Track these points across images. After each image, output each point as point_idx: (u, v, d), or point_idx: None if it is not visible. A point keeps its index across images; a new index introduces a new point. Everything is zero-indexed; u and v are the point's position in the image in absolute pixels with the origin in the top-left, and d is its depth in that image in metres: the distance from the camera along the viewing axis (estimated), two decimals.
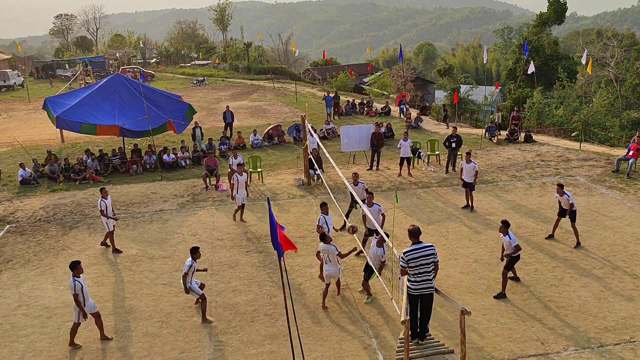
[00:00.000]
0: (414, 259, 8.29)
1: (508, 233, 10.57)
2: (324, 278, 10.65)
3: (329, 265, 10.42)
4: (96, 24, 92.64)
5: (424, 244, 8.40)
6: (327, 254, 10.37)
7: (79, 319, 9.36)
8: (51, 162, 20.16)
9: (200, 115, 30.84)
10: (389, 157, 21.24)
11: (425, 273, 8.36)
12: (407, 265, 8.32)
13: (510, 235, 10.55)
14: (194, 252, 10.05)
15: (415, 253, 8.30)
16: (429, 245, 8.43)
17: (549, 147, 22.33)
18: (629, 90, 37.88)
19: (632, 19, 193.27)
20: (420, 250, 8.32)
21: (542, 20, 38.37)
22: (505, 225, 10.62)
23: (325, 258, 10.45)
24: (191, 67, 64.12)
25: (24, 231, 15.05)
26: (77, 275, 9.16)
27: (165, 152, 20.96)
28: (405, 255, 8.32)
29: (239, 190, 14.74)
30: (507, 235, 10.53)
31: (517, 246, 10.50)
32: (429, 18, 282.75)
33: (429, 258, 8.34)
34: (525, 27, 73.03)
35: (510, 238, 10.50)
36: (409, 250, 8.36)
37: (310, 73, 57.90)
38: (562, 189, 12.76)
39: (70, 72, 56.65)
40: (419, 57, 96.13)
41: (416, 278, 8.37)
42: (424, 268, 8.34)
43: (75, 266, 9.19)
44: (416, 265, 8.30)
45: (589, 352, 8.92)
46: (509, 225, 10.68)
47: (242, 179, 14.83)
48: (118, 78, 22.19)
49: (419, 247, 8.36)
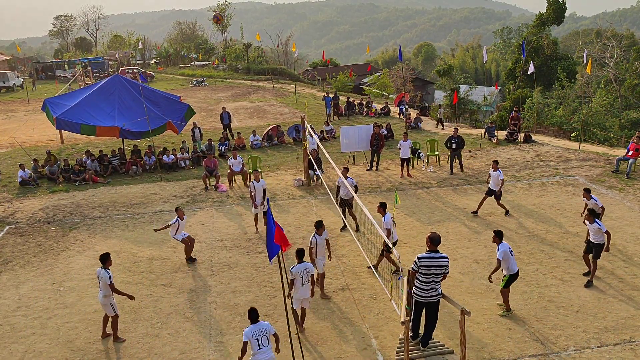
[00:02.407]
0: (426, 267, 8.16)
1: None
2: (294, 303, 9.43)
3: (303, 288, 9.37)
4: (95, 25, 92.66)
5: (440, 254, 8.22)
6: (306, 274, 9.34)
7: (117, 310, 9.62)
8: (51, 163, 20.16)
9: (200, 116, 30.85)
10: (389, 157, 21.24)
11: (434, 282, 8.26)
12: (418, 270, 8.21)
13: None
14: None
15: (429, 261, 8.16)
16: (444, 256, 8.24)
17: (548, 148, 22.34)
18: (629, 91, 37.90)
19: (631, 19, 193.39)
20: (434, 260, 8.17)
21: (541, 21, 38.41)
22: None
23: (301, 279, 9.32)
24: (191, 68, 64.10)
25: (23, 232, 15.04)
26: (107, 267, 9.44)
27: (165, 153, 20.95)
28: (419, 261, 8.17)
29: (256, 196, 14.16)
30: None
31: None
32: (429, 18, 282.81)
33: (441, 269, 8.22)
34: (524, 27, 73.07)
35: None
36: (424, 256, 8.19)
37: (310, 74, 57.91)
38: (588, 193, 12.54)
39: (69, 73, 56.65)
40: (418, 58, 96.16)
41: (425, 286, 8.27)
42: (434, 277, 8.22)
43: (107, 258, 9.48)
44: (427, 273, 8.18)
45: (589, 352, 8.92)
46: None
47: (260, 185, 14.21)
48: (117, 79, 22.19)
49: (434, 255, 8.19)
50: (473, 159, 20.87)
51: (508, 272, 9.85)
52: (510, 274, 9.85)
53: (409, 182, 18.23)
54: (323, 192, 17.27)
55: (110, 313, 9.59)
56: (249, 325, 7.92)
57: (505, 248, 9.76)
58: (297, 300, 9.46)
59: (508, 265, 9.82)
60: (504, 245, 9.80)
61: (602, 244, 10.81)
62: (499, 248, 9.79)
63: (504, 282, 9.96)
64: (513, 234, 13.63)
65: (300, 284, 9.31)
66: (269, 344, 7.89)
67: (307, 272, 9.34)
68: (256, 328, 7.87)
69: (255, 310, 7.97)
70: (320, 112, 30.71)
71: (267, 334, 7.89)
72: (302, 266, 9.30)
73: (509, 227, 14.05)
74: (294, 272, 9.25)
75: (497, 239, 9.91)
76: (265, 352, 7.80)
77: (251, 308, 8.00)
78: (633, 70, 37.46)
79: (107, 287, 9.37)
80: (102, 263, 9.44)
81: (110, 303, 9.51)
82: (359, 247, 12.42)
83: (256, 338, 7.79)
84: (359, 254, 12.60)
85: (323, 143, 22.13)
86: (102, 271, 9.39)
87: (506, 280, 9.93)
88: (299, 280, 9.28)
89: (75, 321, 10.37)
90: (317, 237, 10.59)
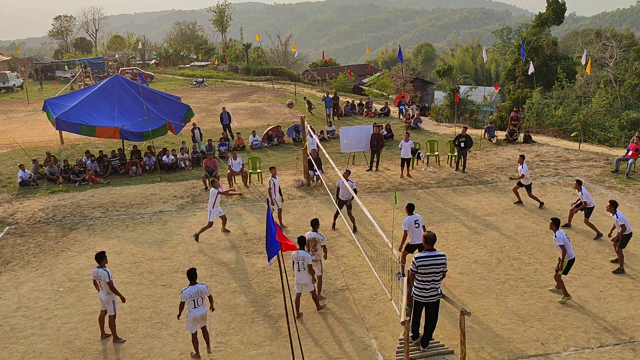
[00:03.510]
0: (424, 266, 8.17)
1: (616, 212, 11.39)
2: (296, 287, 10.19)
3: (299, 273, 9.98)
4: (95, 26, 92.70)
5: (437, 252, 8.26)
6: (301, 261, 9.92)
7: (116, 310, 9.64)
8: (50, 164, 20.15)
9: (200, 116, 30.87)
10: (388, 157, 21.25)
11: (433, 282, 8.26)
12: (417, 271, 8.22)
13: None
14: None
15: (427, 260, 8.18)
16: (441, 254, 8.28)
17: (548, 148, 22.35)
18: (628, 91, 37.90)
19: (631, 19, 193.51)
20: (432, 258, 8.20)
21: (541, 21, 38.39)
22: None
23: (297, 265, 9.97)
24: (190, 69, 64.13)
25: (23, 233, 15.04)
26: (103, 265, 9.45)
27: (165, 154, 20.95)
28: (417, 261, 8.19)
29: (275, 193, 14.37)
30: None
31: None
32: (428, 19, 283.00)
33: (440, 267, 8.23)
34: (524, 27, 73.09)
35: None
36: (422, 256, 8.23)
37: (310, 74, 57.92)
38: (579, 184, 13.43)
39: (69, 74, 56.66)
40: (418, 58, 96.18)
41: (424, 286, 8.27)
42: (433, 277, 8.23)
43: (103, 257, 9.51)
44: (426, 272, 8.19)
45: (589, 352, 8.92)
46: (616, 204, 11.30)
47: (277, 182, 14.51)
48: (117, 79, 22.20)
49: (431, 254, 8.22)
50: (473, 159, 20.87)
51: (567, 258, 10.28)
52: (569, 259, 10.31)
53: (409, 183, 18.23)
54: (323, 193, 17.27)
55: (110, 312, 9.59)
56: (188, 286, 8.84)
57: (563, 235, 10.28)
58: (298, 285, 10.13)
59: (568, 250, 10.28)
60: (560, 232, 10.32)
61: (629, 233, 11.62)
62: (557, 235, 10.27)
63: (564, 268, 10.33)
64: (513, 234, 13.64)
65: (296, 269, 9.99)
66: (203, 302, 8.90)
67: (303, 260, 9.88)
68: (194, 289, 8.82)
69: (194, 271, 8.95)
70: (320, 113, 30.72)
71: (202, 295, 8.89)
72: (296, 254, 9.95)
73: (509, 227, 14.07)
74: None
75: (554, 226, 10.41)
76: (199, 309, 8.87)
77: (190, 269, 8.95)
78: (633, 70, 37.47)
79: (107, 286, 9.38)
80: (98, 261, 9.46)
81: (112, 300, 9.52)
82: (359, 247, 12.43)
83: (193, 299, 8.80)
84: (359, 254, 12.61)
85: (323, 143, 22.14)
86: (99, 270, 9.40)
87: (565, 266, 10.32)
88: (295, 266, 9.98)
89: (75, 322, 10.37)
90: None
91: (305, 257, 9.86)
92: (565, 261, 10.28)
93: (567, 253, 10.24)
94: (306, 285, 10.09)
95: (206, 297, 8.97)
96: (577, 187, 13.50)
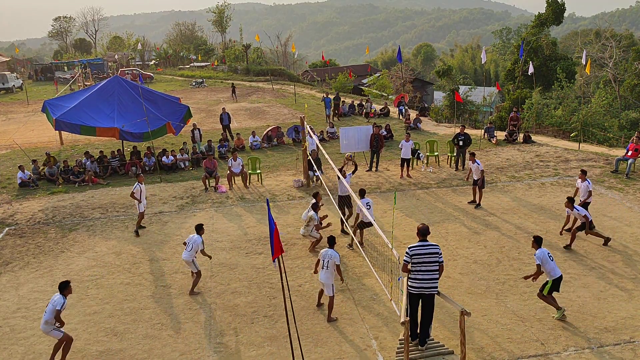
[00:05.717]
0: (418, 255, 8.37)
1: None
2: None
3: (322, 271, 10.03)
4: (95, 26, 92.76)
5: (429, 243, 8.50)
6: (328, 260, 9.94)
7: (63, 334, 9.13)
8: (50, 165, 20.14)
9: (199, 117, 30.87)
10: (388, 158, 21.25)
11: (428, 272, 8.39)
12: (411, 260, 8.38)
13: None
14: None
15: (420, 249, 8.40)
16: (434, 244, 8.52)
17: (548, 148, 22.35)
18: (628, 91, 37.93)
19: (630, 20, 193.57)
20: (425, 248, 8.42)
21: (540, 21, 38.41)
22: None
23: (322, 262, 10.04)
24: (190, 69, 64.14)
25: (23, 234, 15.03)
26: (66, 295, 9.07)
27: (164, 154, 20.95)
28: (410, 250, 8.40)
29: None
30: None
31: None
32: (428, 19, 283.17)
33: (433, 257, 8.41)
34: (523, 27, 73.05)
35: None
36: (415, 245, 8.45)
37: (309, 74, 57.91)
38: (584, 174, 13.75)
39: (69, 75, 56.66)
40: (417, 58, 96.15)
41: (417, 276, 8.40)
42: (427, 266, 8.38)
43: (67, 286, 9.13)
44: (419, 262, 8.37)
45: (588, 352, 8.92)
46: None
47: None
48: (117, 80, 22.20)
49: (424, 244, 8.45)
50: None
51: (550, 278, 9.79)
52: (553, 279, 9.76)
53: (409, 183, 18.23)
54: (323, 193, 17.25)
55: (57, 336, 9.09)
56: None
57: (542, 254, 9.75)
58: (320, 283, 10.20)
59: (548, 270, 9.76)
60: (541, 251, 9.81)
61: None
62: (536, 254, 9.81)
63: (548, 289, 9.82)
64: (513, 234, 13.64)
65: (321, 267, 9.99)
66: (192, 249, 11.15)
67: (330, 259, 9.85)
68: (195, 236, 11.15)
69: (201, 225, 11.42)
70: (319, 113, 30.71)
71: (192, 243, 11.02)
72: (324, 251, 10.01)
73: (508, 228, 14.07)
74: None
75: (536, 244, 9.96)
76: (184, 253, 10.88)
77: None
78: (632, 70, 37.50)
79: (53, 313, 8.89)
80: (61, 291, 9.03)
81: (52, 330, 9.01)
82: (358, 248, 12.42)
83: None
84: (359, 255, 12.60)
85: (323, 144, 22.13)
86: (58, 296, 8.97)
87: (550, 285, 9.77)
88: (321, 263, 10.00)
89: (74, 322, 10.36)
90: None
91: (333, 257, 9.90)
92: (549, 281, 9.77)
93: (551, 273, 9.72)
94: (325, 286, 10.04)
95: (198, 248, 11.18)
96: (582, 177, 13.65)
